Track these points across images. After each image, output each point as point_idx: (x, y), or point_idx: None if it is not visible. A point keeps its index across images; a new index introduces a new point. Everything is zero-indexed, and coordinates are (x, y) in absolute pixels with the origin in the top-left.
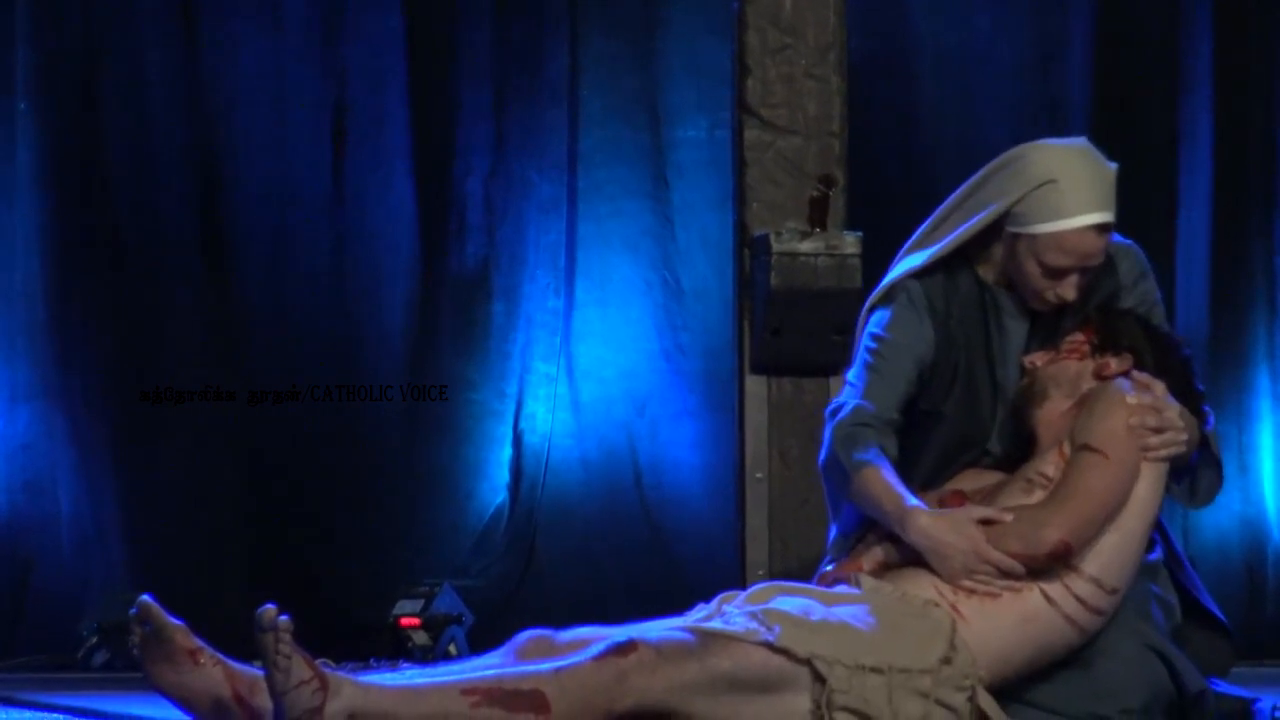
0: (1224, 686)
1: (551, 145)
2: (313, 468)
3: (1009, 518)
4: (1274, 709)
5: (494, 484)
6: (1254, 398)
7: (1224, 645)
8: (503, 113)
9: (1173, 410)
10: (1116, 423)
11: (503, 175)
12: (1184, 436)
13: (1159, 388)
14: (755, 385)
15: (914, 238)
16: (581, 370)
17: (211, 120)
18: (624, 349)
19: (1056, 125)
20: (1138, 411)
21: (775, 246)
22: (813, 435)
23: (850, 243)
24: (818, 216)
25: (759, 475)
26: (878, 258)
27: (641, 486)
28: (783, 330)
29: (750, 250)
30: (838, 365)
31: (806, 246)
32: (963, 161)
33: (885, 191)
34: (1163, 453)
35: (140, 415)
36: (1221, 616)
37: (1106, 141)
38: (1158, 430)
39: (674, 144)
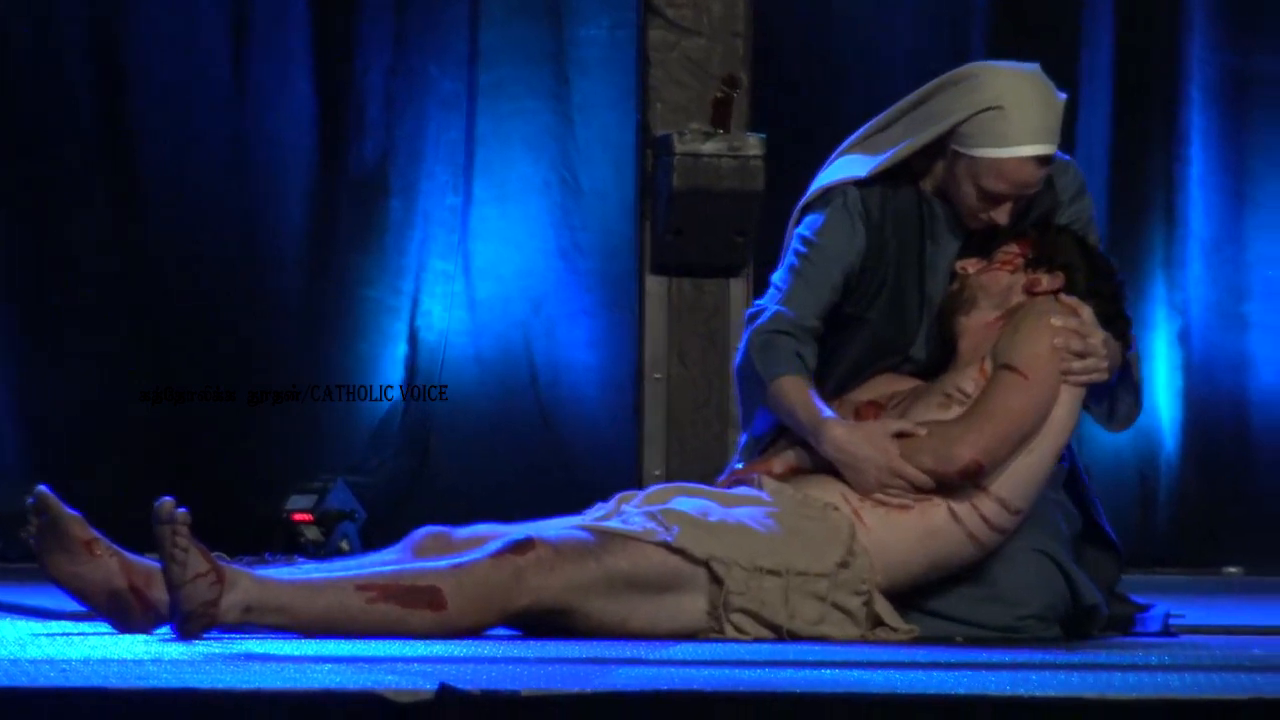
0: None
1: (453, 41)
2: (209, 362)
3: (924, 432)
4: (1166, 616)
5: (388, 381)
6: (1149, 305)
7: (1113, 564)
8: (404, 8)
9: (1097, 336)
10: (1040, 345)
11: (403, 71)
12: (1106, 364)
13: (1086, 312)
14: (655, 285)
15: (853, 139)
16: (478, 268)
17: (112, 13)
18: (522, 247)
19: (959, 30)
20: (1062, 334)
21: (678, 147)
22: (712, 336)
23: (753, 144)
24: (721, 118)
25: (657, 376)
26: (782, 159)
27: (537, 385)
28: (684, 231)
29: (653, 151)
30: (739, 267)
31: (709, 147)
32: (867, 65)
33: (790, 93)
34: (1083, 378)
35: (39, 306)
36: (1114, 537)
37: (1007, 47)
38: (1081, 355)
39: (576, 42)
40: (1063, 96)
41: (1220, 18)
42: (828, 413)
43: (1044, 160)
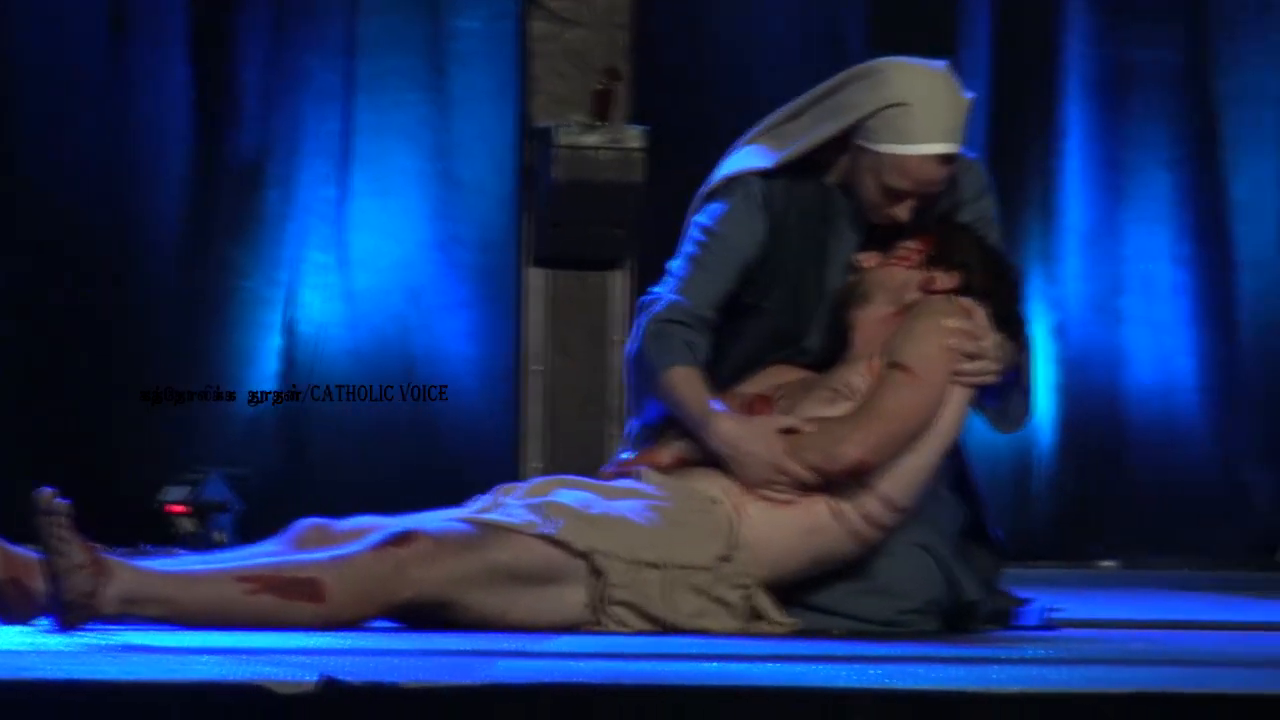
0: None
1: (330, 32)
2: (85, 352)
3: (811, 429)
4: (1045, 610)
5: (264, 373)
6: (1025, 299)
7: (995, 560)
8: None
9: (990, 338)
10: (931, 345)
11: (281, 62)
12: (997, 367)
13: (979, 314)
14: (536, 278)
15: (759, 128)
16: (356, 260)
17: None
18: (399, 239)
19: (837, 23)
20: (955, 336)
21: (559, 139)
22: (593, 329)
23: (635, 136)
24: (602, 110)
25: (537, 368)
26: (662, 152)
27: (414, 377)
28: (565, 223)
29: (533, 143)
30: (619, 258)
31: (590, 140)
32: (748, 58)
33: (671, 86)
34: (974, 380)
35: None
36: (999, 534)
37: (885, 41)
38: (972, 357)
39: (454, 34)
40: (970, 96)
41: (1097, 11)
42: (716, 406)
43: (947, 159)
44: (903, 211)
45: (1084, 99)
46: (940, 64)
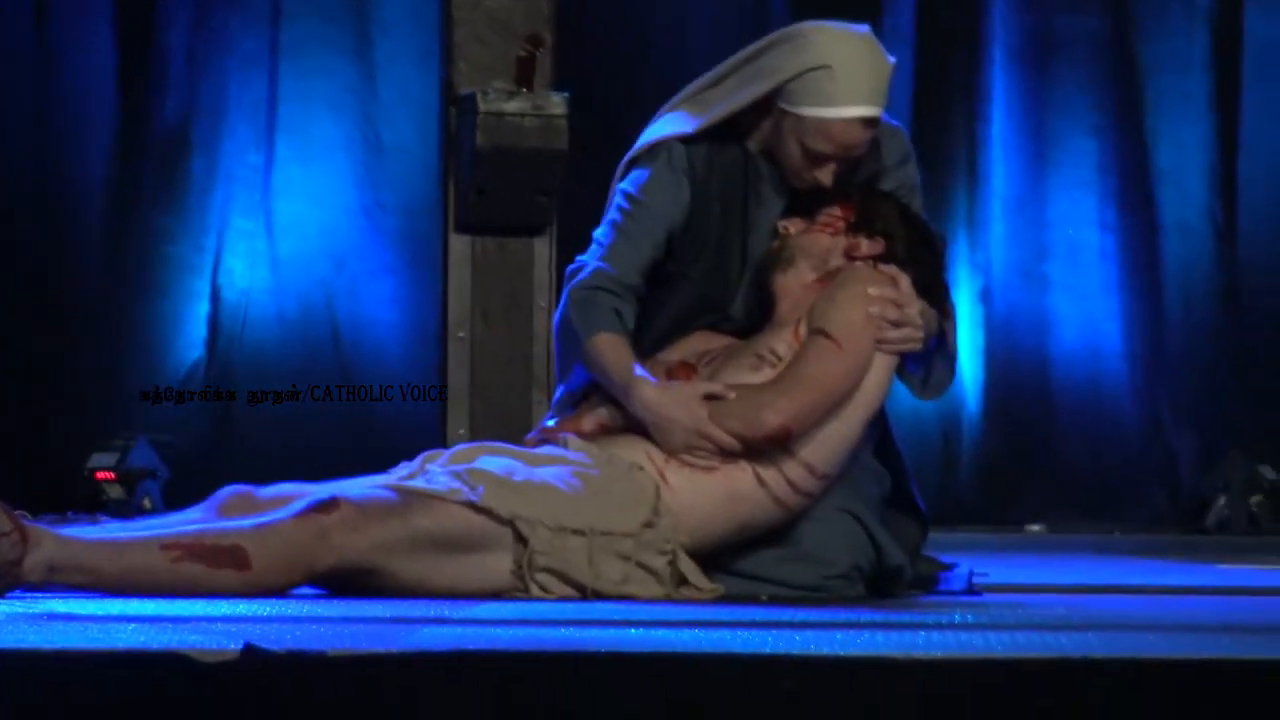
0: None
1: None
2: (11, 319)
3: (734, 395)
4: (970, 575)
5: (191, 339)
6: (952, 265)
7: (919, 528)
8: None
9: (914, 306)
10: (855, 312)
11: (205, 27)
12: (920, 334)
13: (904, 282)
14: (459, 244)
15: (683, 94)
16: (281, 226)
17: None
18: (324, 205)
19: None
20: (878, 303)
21: (481, 106)
22: (516, 296)
23: (557, 103)
24: (524, 76)
25: (461, 335)
26: (585, 119)
27: (339, 343)
28: (488, 190)
29: (456, 109)
30: (542, 226)
31: (513, 106)
32: (673, 24)
33: (594, 52)
34: (898, 348)
35: None
36: (920, 503)
37: (810, 7)
38: (896, 325)
39: (378, 0)
40: (892, 60)
41: None
42: (640, 372)
43: (870, 122)
44: (825, 175)
45: (1008, 65)
46: (863, 28)
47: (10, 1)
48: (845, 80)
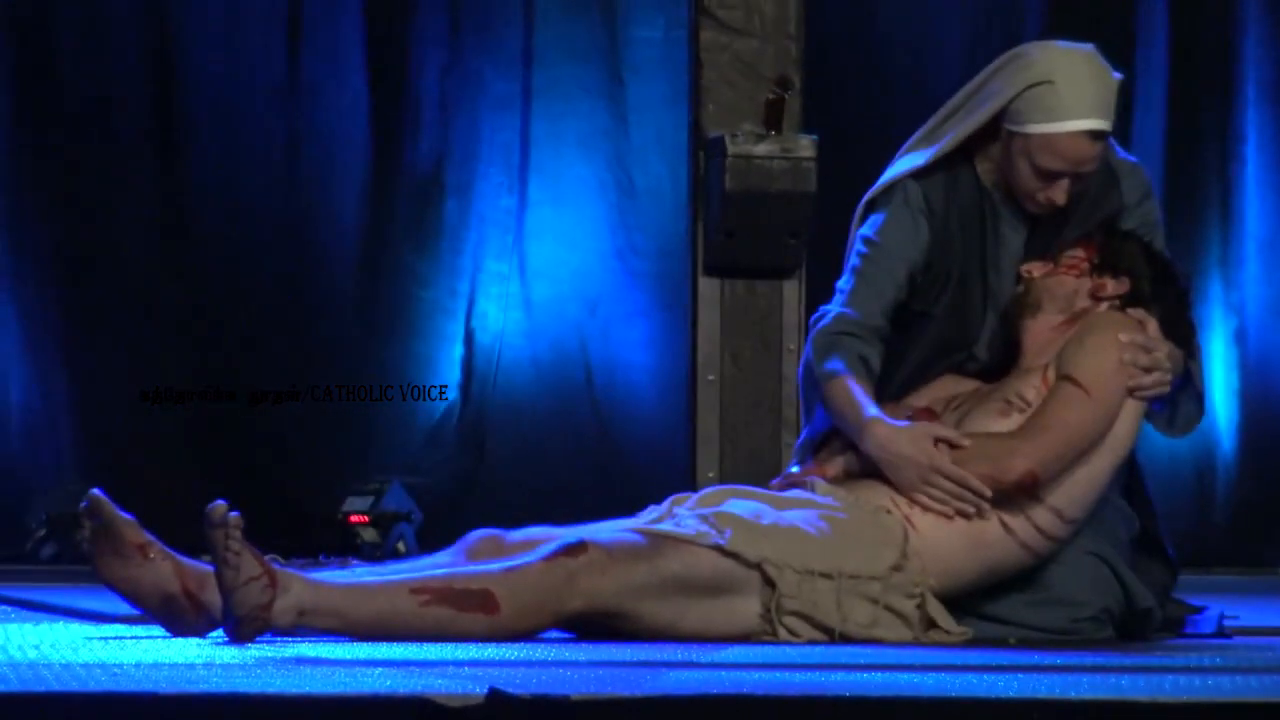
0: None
1: (506, 41)
2: (265, 363)
3: (967, 442)
4: (1221, 617)
5: (447, 382)
6: (1205, 305)
7: (1167, 571)
8: (457, 6)
9: (1163, 349)
10: (1105, 360)
11: (457, 71)
12: (1170, 378)
13: (1152, 326)
14: (708, 287)
15: (916, 136)
16: (534, 269)
17: (165, 10)
18: (577, 248)
19: (1011, 27)
20: (1129, 350)
21: (730, 149)
22: (765, 338)
23: (805, 145)
24: (773, 119)
25: (710, 377)
26: (833, 161)
27: (592, 386)
28: (736, 233)
29: (705, 152)
30: (791, 268)
31: (762, 149)
32: (919, 65)
33: (842, 94)
34: (1149, 394)
35: (93, 306)
36: (1169, 545)
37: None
38: (1146, 370)
39: (629, 42)
40: (1117, 76)
41: (1274, 13)
42: (875, 412)
43: (1098, 135)
44: (1058, 194)
45: (1260, 102)
46: (1085, 45)
47: (263, 44)
48: (1069, 94)
